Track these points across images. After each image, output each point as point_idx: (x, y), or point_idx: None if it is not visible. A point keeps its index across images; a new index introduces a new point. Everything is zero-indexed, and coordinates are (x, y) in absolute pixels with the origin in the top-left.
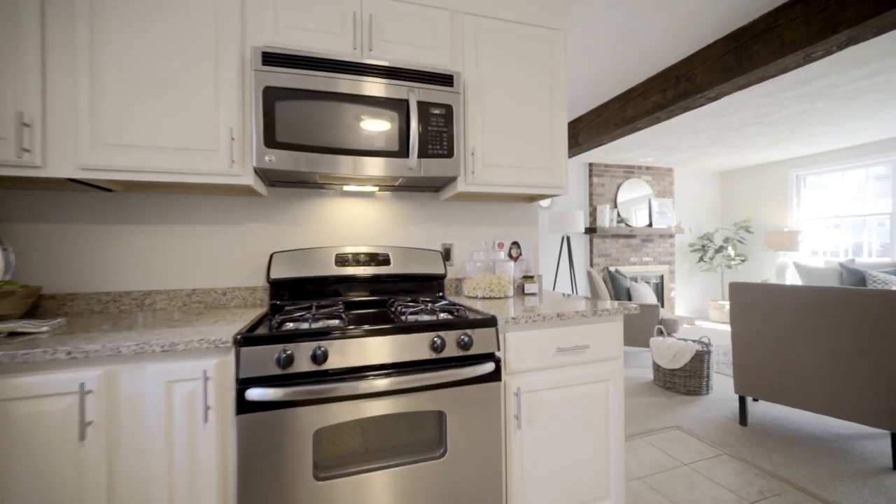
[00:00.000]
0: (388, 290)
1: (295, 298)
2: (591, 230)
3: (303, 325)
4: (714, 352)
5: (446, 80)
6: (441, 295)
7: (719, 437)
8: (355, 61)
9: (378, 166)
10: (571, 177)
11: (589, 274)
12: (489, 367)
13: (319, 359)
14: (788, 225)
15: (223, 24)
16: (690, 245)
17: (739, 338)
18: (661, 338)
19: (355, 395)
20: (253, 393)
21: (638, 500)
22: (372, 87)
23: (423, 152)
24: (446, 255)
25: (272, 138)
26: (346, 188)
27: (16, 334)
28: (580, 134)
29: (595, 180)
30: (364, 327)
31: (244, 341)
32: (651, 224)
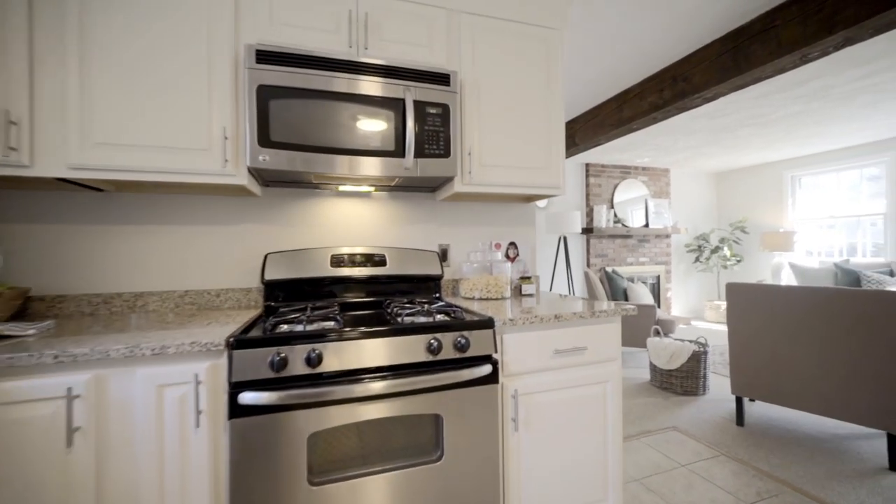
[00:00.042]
0: (384, 291)
1: (290, 300)
2: (587, 230)
3: (297, 328)
4: (710, 352)
5: (443, 79)
6: (438, 296)
7: (716, 438)
8: (351, 60)
9: (374, 166)
10: (568, 177)
11: (586, 274)
12: (486, 370)
13: (314, 361)
14: (784, 225)
15: (216, 20)
16: (686, 245)
17: (736, 338)
18: (658, 338)
19: (350, 398)
20: (246, 397)
21: (636, 502)
22: (368, 86)
23: (419, 152)
24: (443, 255)
25: (266, 137)
26: (341, 188)
27: (1, 337)
28: (577, 134)
29: (592, 181)
30: (359, 329)
31: (237, 344)
32: (647, 224)
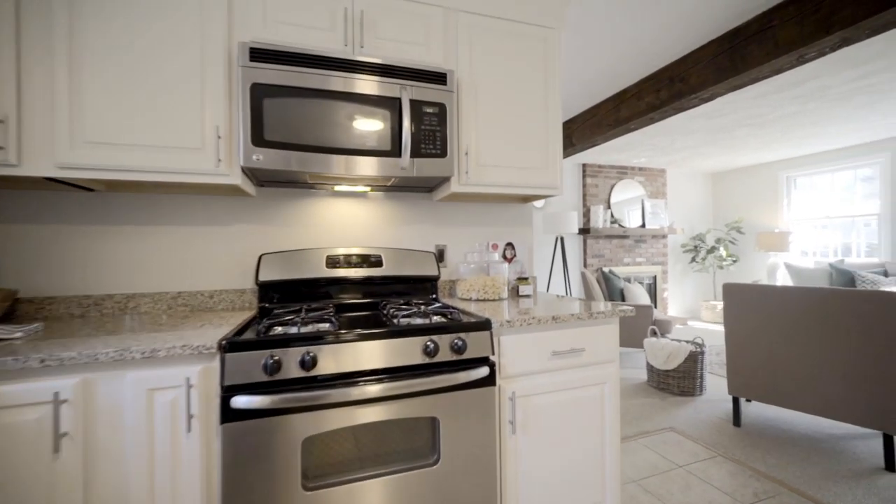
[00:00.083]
0: (381, 292)
1: (285, 301)
2: (584, 231)
3: (291, 330)
4: (707, 352)
5: (439, 78)
6: (434, 297)
7: (713, 439)
8: (346, 58)
9: (370, 166)
10: (565, 177)
11: (583, 275)
12: (483, 372)
13: (308, 364)
14: (779, 226)
15: (209, 17)
16: (683, 246)
17: (733, 339)
18: (655, 339)
19: (345, 401)
20: (238, 401)
21: None
22: (363, 84)
23: (415, 152)
24: (440, 256)
25: (260, 137)
26: (337, 188)
27: None
28: (574, 134)
29: (589, 181)
30: (354, 331)
31: (229, 347)
32: (644, 225)
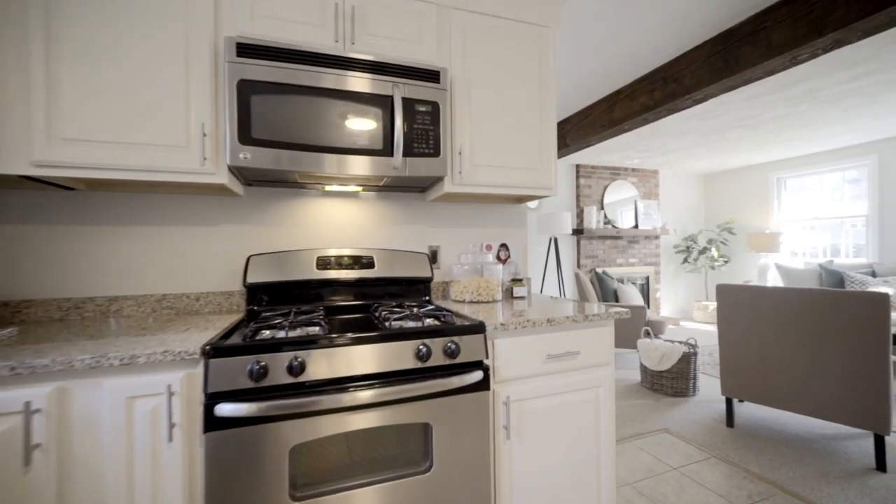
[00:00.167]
0: (373, 294)
1: (274, 303)
2: (578, 231)
3: (279, 334)
4: (699, 353)
5: (433, 76)
6: (427, 299)
7: (707, 440)
8: (337, 55)
9: (361, 165)
10: (559, 178)
11: (577, 276)
12: (477, 376)
13: (296, 370)
14: (770, 227)
15: (194, 10)
16: (675, 246)
17: (726, 339)
18: (649, 339)
19: (334, 408)
20: (223, 408)
21: None
22: (354, 81)
23: (408, 151)
24: (433, 257)
25: (247, 134)
26: (327, 188)
27: None
28: (568, 135)
29: (582, 182)
30: (344, 336)
31: (213, 352)
32: (637, 225)
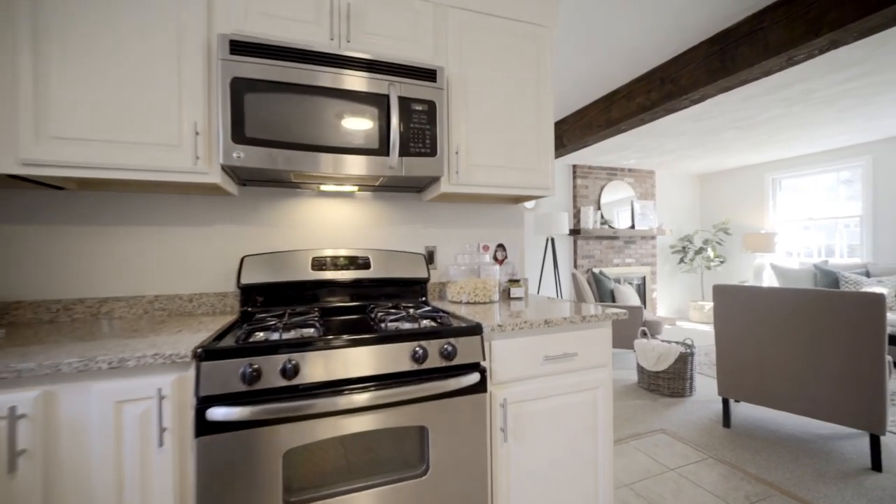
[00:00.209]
0: (369, 295)
1: (268, 305)
2: (575, 232)
3: (273, 336)
4: (696, 353)
5: (429, 74)
6: (424, 300)
7: (704, 440)
8: (332, 53)
9: (356, 165)
10: (556, 178)
11: (574, 276)
12: (474, 378)
13: (289, 373)
14: (765, 227)
15: (187, 7)
16: (671, 247)
17: (722, 340)
18: (646, 340)
19: (328, 412)
20: (215, 412)
21: None
22: (350, 80)
23: (404, 150)
24: (429, 258)
25: (241, 133)
26: (323, 188)
27: None
28: (565, 135)
29: (579, 182)
30: (339, 338)
31: (205, 355)
32: (633, 226)
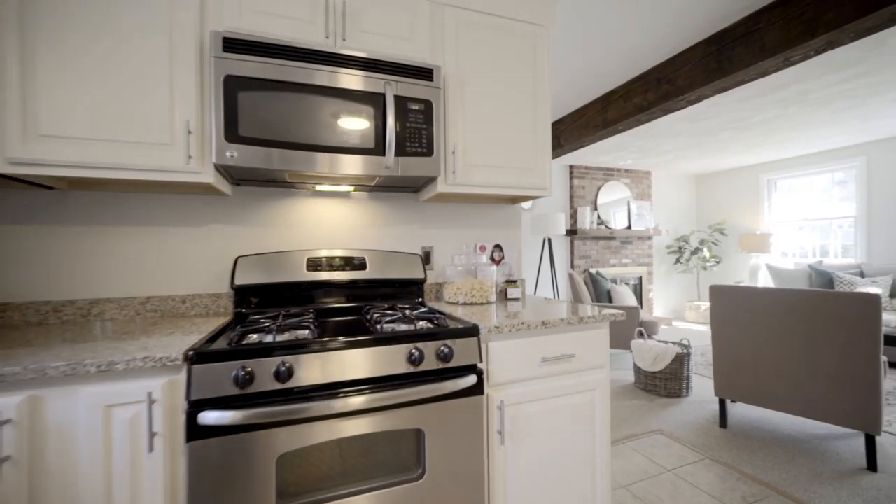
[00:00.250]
0: (365, 295)
1: (263, 306)
2: (571, 232)
3: (266, 338)
4: (692, 353)
5: (425, 73)
6: (420, 301)
7: (700, 441)
8: (327, 51)
9: (352, 164)
10: (553, 179)
11: (570, 276)
12: (471, 381)
13: (283, 376)
14: (760, 227)
15: (179, 3)
16: (667, 247)
17: (719, 340)
18: (642, 340)
19: (322, 415)
20: (206, 416)
21: None
22: (345, 79)
23: (400, 150)
24: (426, 258)
25: (234, 132)
26: (318, 187)
27: None
28: (562, 135)
29: (576, 182)
30: (334, 340)
31: (197, 358)
32: (630, 226)
